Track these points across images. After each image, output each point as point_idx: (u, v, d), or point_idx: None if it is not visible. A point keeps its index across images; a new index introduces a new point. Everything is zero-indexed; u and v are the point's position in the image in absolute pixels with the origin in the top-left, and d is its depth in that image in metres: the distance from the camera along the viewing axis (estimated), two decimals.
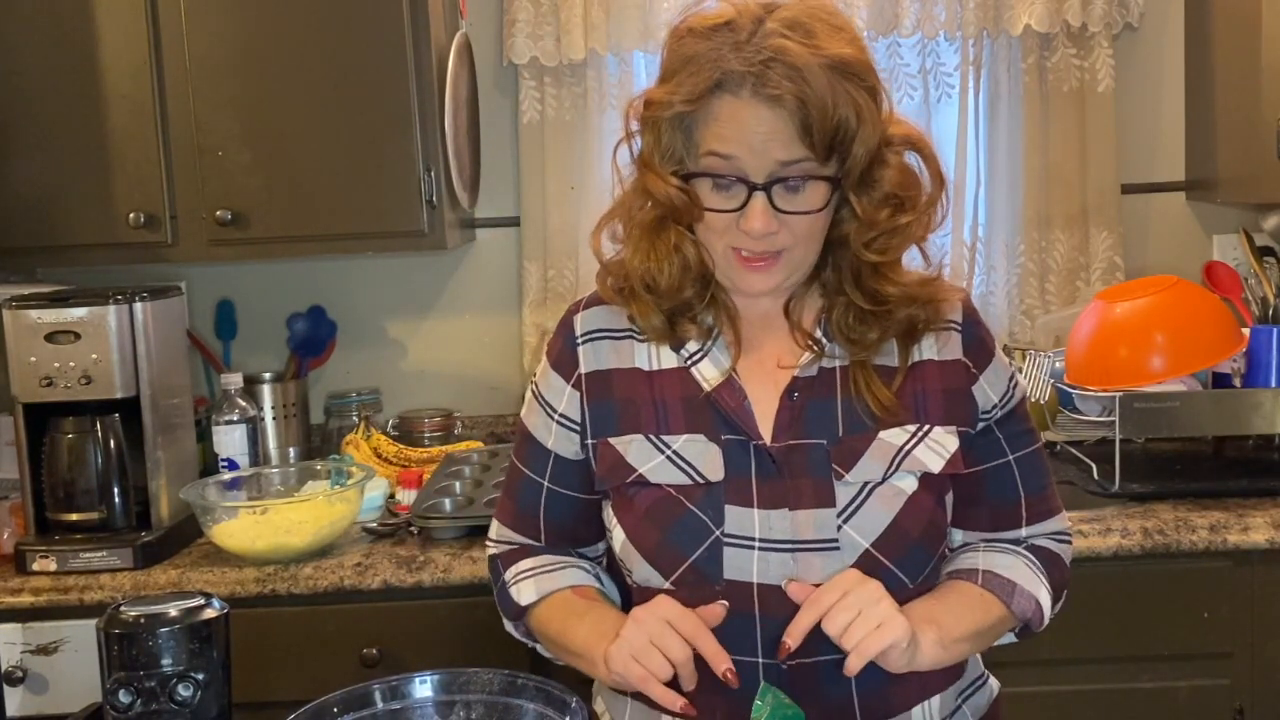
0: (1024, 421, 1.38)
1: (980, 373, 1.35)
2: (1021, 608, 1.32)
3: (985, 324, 1.40)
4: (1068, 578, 1.39)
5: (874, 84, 1.27)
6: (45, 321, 2.07)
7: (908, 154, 1.30)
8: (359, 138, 2.29)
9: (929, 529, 1.30)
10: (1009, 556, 1.36)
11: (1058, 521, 1.40)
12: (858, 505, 1.28)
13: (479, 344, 2.76)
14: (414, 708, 1.30)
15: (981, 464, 1.35)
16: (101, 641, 1.33)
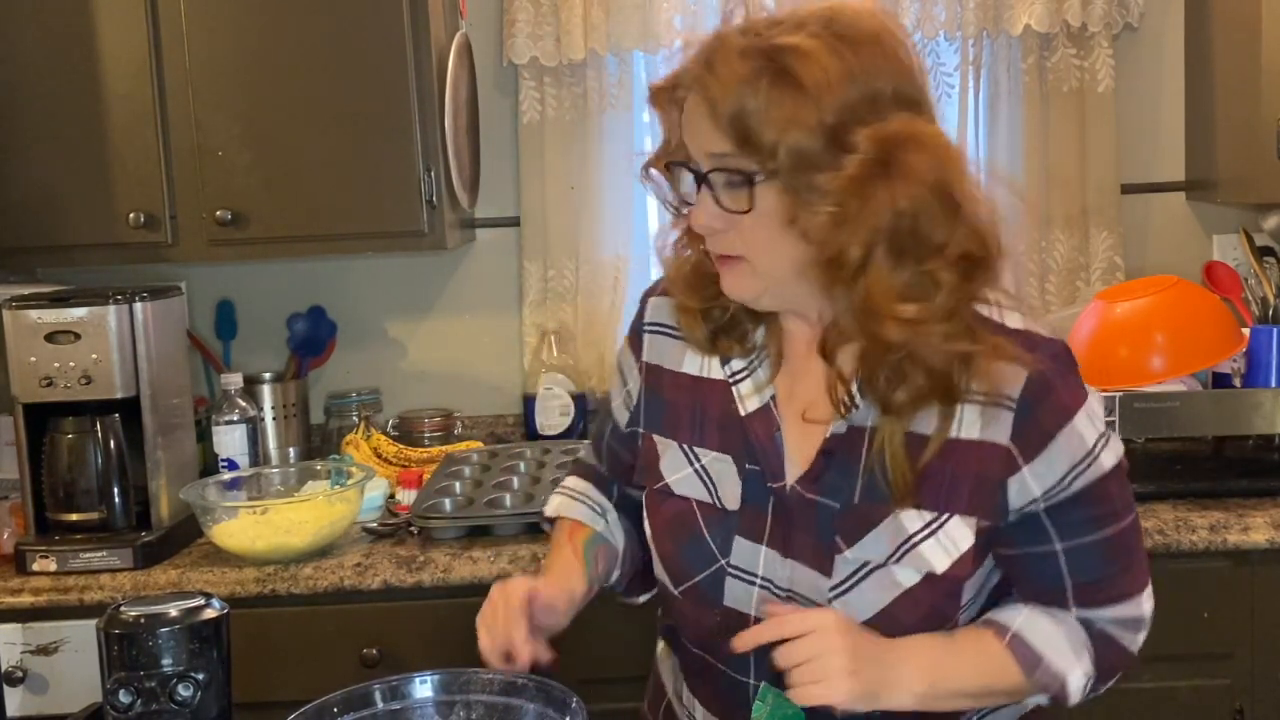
0: (1091, 509, 1.20)
1: (1028, 463, 1.18)
2: (1043, 683, 1.23)
3: (1062, 399, 1.17)
4: (1127, 663, 1.26)
5: (806, 73, 1.10)
6: (45, 321, 2.07)
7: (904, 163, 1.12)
8: (359, 138, 2.29)
9: (929, 618, 1.21)
10: (1052, 624, 1.23)
11: (1126, 609, 1.24)
12: (852, 584, 1.21)
13: (479, 344, 2.76)
14: (414, 708, 1.30)
15: (1017, 549, 1.22)
16: (102, 641, 1.33)
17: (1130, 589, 1.25)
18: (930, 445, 1.17)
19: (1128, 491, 1.24)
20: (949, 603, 1.22)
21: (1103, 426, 1.21)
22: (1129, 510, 1.24)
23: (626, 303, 2.68)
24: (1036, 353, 1.16)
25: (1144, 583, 1.26)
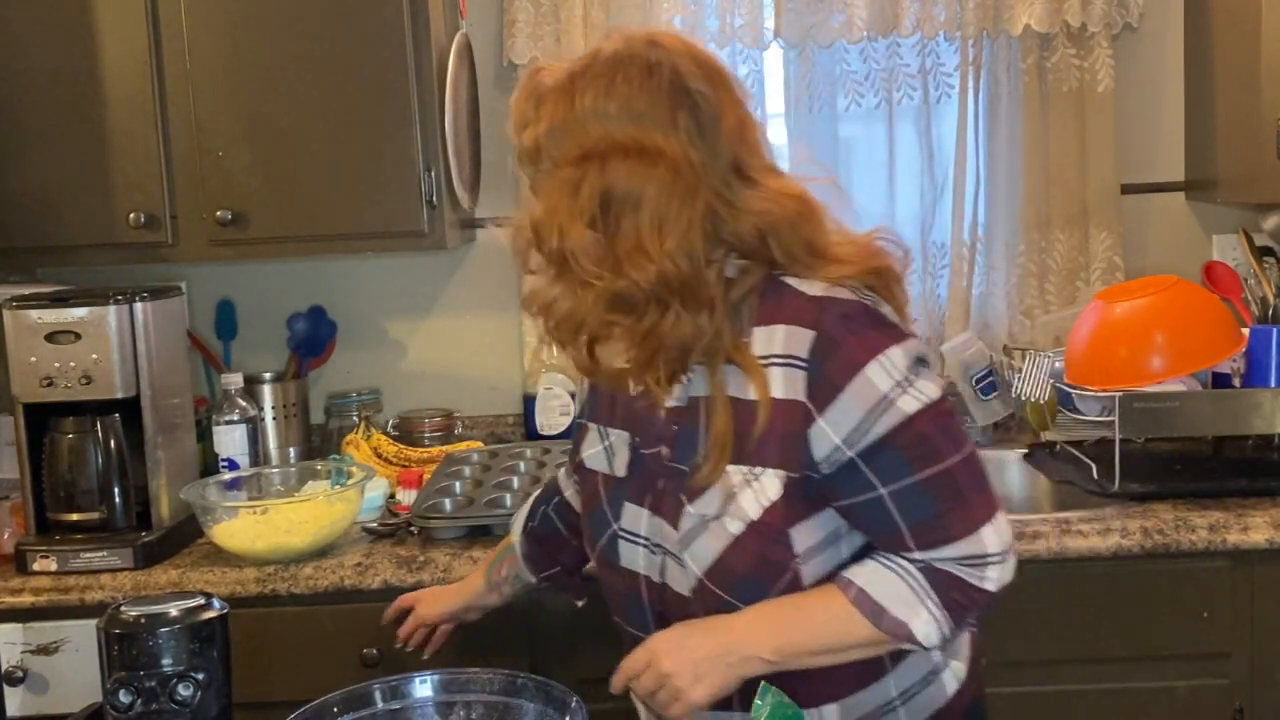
0: (904, 451, 1.27)
1: (822, 415, 1.27)
2: (892, 631, 1.29)
3: (850, 353, 1.27)
4: (983, 599, 1.30)
5: (549, 102, 1.30)
6: (45, 321, 2.07)
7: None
8: (359, 138, 2.29)
9: (760, 566, 1.31)
10: (892, 574, 1.30)
11: (964, 546, 1.28)
12: (694, 536, 1.33)
13: (479, 344, 2.76)
14: (414, 708, 1.30)
15: (847, 499, 1.30)
16: (102, 641, 1.33)
17: (967, 526, 1.29)
18: (760, 406, 1.28)
19: (948, 434, 1.29)
20: (777, 550, 1.31)
21: (902, 375, 1.27)
22: (952, 450, 1.28)
23: None
24: (825, 314, 1.27)
25: (981, 519, 1.29)
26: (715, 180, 1.28)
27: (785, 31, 2.58)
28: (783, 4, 2.57)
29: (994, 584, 1.30)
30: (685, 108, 1.27)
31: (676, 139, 1.26)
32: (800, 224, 1.31)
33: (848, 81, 2.65)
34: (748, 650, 1.30)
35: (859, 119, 2.68)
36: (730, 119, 1.30)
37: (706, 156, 1.27)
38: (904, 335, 1.29)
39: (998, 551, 1.29)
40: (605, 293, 1.27)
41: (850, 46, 2.62)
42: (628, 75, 1.28)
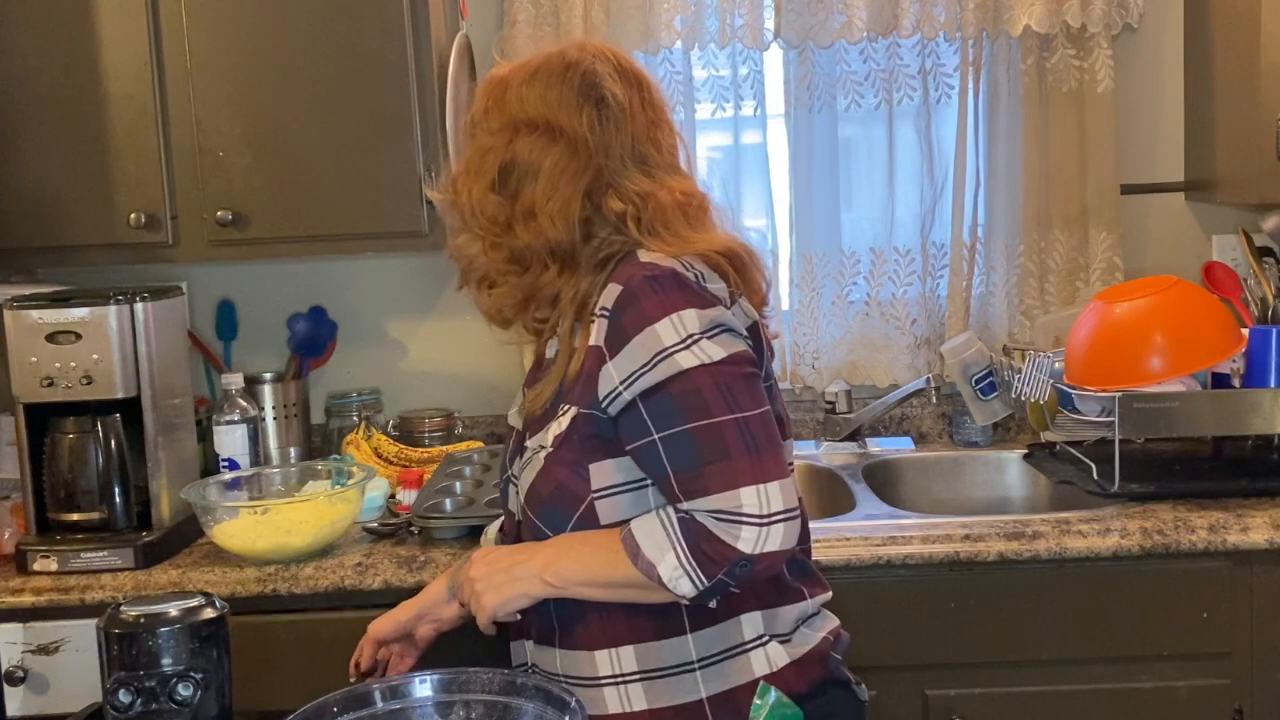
0: (677, 401, 1.38)
1: (611, 358, 1.42)
2: (646, 571, 1.39)
3: (645, 308, 1.41)
4: (730, 555, 1.36)
5: (490, 89, 1.54)
6: (46, 322, 2.08)
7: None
8: (359, 137, 2.29)
9: (559, 491, 1.46)
10: (655, 520, 1.41)
11: (720, 500, 1.36)
12: (523, 466, 1.52)
13: (479, 344, 2.76)
14: (414, 708, 1.30)
15: (632, 442, 1.42)
16: (102, 641, 1.33)
17: (725, 481, 1.36)
18: (575, 355, 1.47)
19: (727, 394, 1.39)
20: (576, 482, 1.45)
21: (687, 333, 1.39)
22: (725, 410, 1.38)
23: None
24: (636, 274, 1.42)
25: (744, 479, 1.36)
26: (607, 162, 1.48)
27: (785, 31, 2.58)
28: (783, 4, 2.58)
29: (747, 545, 1.35)
30: (592, 101, 1.48)
31: (579, 122, 1.47)
32: (674, 209, 1.48)
33: (848, 81, 2.65)
34: (533, 569, 1.46)
35: (859, 119, 2.69)
36: (639, 119, 1.51)
37: (603, 143, 1.48)
38: (707, 303, 1.41)
39: (754, 514, 1.35)
40: (504, 248, 1.51)
41: (850, 47, 2.63)
42: (549, 70, 1.50)
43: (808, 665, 1.49)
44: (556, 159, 1.47)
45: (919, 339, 2.71)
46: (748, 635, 1.47)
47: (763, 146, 2.68)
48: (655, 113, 1.54)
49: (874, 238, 2.71)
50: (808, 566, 1.59)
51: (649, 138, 1.52)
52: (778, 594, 1.50)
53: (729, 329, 1.42)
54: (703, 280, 1.43)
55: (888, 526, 2.10)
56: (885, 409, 2.64)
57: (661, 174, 1.51)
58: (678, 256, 1.44)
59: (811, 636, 1.52)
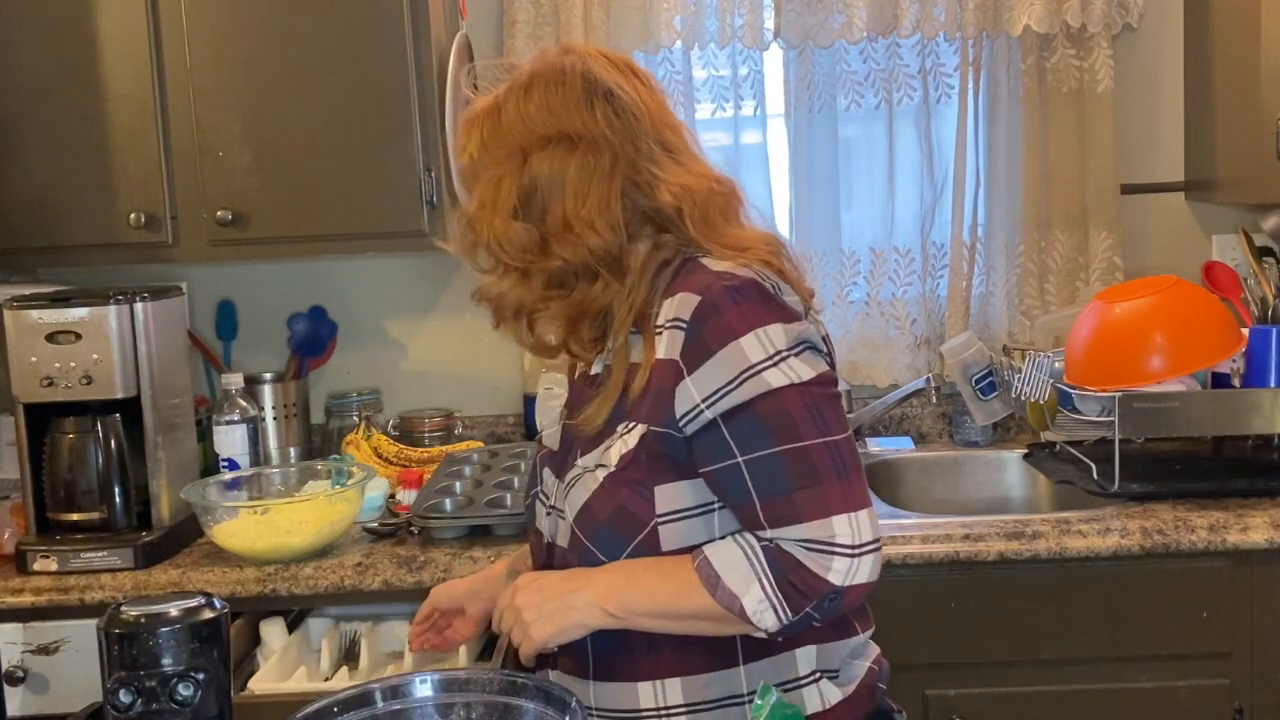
0: (764, 422, 1.30)
1: (690, 374, 1.32)
2: (726, 603, 1.31)
3: (729, 320, 1.32)
4: (819, 587, 1.29)
5: (479, 123, 1.44)
6: (46, 322, 2.08)
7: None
8: (359, 137, 2.29)
9: (618, 514, 1.36)
10: (737, 548, 1.32)
11: (811, 529, 1.29)
12: (572, 485, 1.41)
13: (479, 344, 2.76)
14: (414, 708, 1.30)
15: (709, 465, 1.33)
16: (102, 641, 1.33)
17: (817, 509, 1.29)
18: (642, 368, 1.36)
19: (815, 415, 1.31)
20: (638, 503, 1.35)
21: (775, 351, 1.31)
22: (815, 433, 1.30)
23: None
24: (715, 284, 1.33)
25: (836, 506, 1.29)
26: (636, 154, 1.38)
27: (785, 31, 2.58)
28: (783, 4, 2.58)
29: (838, 576, 1.28)
30: (600, 95, 1.39)
31: (594, 121, 1.38)
32: (714, 199, 1.40)
33: (848, 81, 2.65)
34: (592, 598, 1.35)
35: (859, 119, 2.69)
36: (650, 103, 1.42)
37: (625, 134, 1.38)
38: (792, 316, 1.34)
39: (847, 544, 1.28)
40: (541, 274, 1.38)
41: (850, 47, 2.63)
42: (544, 81, 1.40)
43: (857, 701, 1.42)
44: (580, 165, 1.37)
45: (919, 339, 2.71)
46: (801, 670, 1.39)
47: (763, 146, 2.68)
48: (662, 97, 1.46)
49: (874, 238, 2.71)
50: None
51: (665, 123, 1.43)
52: (834, 628, 1.41)
53: (813, 346, 1.34)
54: (779, 291, 1.35)
55: (888, 526, 2.10)
56: (885, 409, 2.64)
57: (687, 160, 1.43)
58: (748, 264, 1.36)
59: (859, 668, 1.45)
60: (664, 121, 1.43)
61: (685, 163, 1.42)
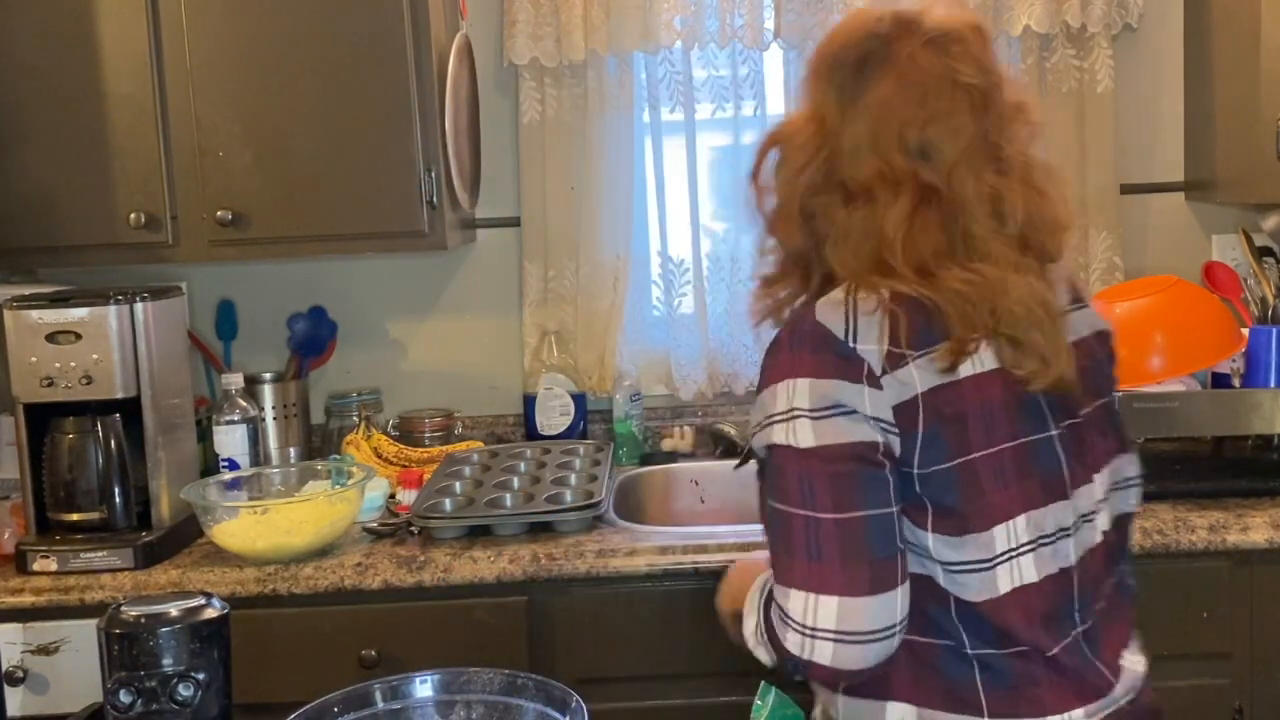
0: (771, 474, 1.29)
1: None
2: (742, 622, 1.37)
3: (774, 364, 1.31)
4: (781, 649, 1.28)
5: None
6: (46, 322, 2.08)
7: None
8: (359, 138, 2.29)
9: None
10: (759, 581, 1.36)
11: (779, 593, 1.27)
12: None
13: (479, 344, 2.76)
14: (414, 708, 1.30)
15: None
16: (102, 641, 1.33)
17: (783, 576, 1.27)
18: None
19: (806, 488, 1.25)
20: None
21: (790, 408, 1.26)
22: (799, 504, 1.25)
23: (626, 303, 2.68)
24: (792, 320, 1.33)
25: (795, 583, 1.25)
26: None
27: (785, 31, 2.58)
28: (783, 4, 2.57)
29: (794, 647, 1.25)
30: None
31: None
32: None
33: None
34: (725, 595, 1.50)
35: None
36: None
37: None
38: (833, 373, 1.26)
39: (798, 621, 1.25)
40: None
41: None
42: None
43: None
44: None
45: None
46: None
47: None
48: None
49: None
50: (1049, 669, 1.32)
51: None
52: (943, 699, 1.31)
53: (846, 412, 1.25)
54: (854, 339, 1.26)
55: None
56: None
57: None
58: (851, 294, 1.28)
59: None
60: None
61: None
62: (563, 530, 2.13)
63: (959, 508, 1.26)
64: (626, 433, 2.64)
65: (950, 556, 1.27)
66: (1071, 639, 1.31)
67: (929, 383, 1.25)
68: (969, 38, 1.32)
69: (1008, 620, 1.27)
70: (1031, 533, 1.27)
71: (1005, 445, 1.27)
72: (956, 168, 1.29)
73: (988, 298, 1.26)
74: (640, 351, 2.72)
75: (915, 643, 1.29)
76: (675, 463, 2.62)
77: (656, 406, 2.75)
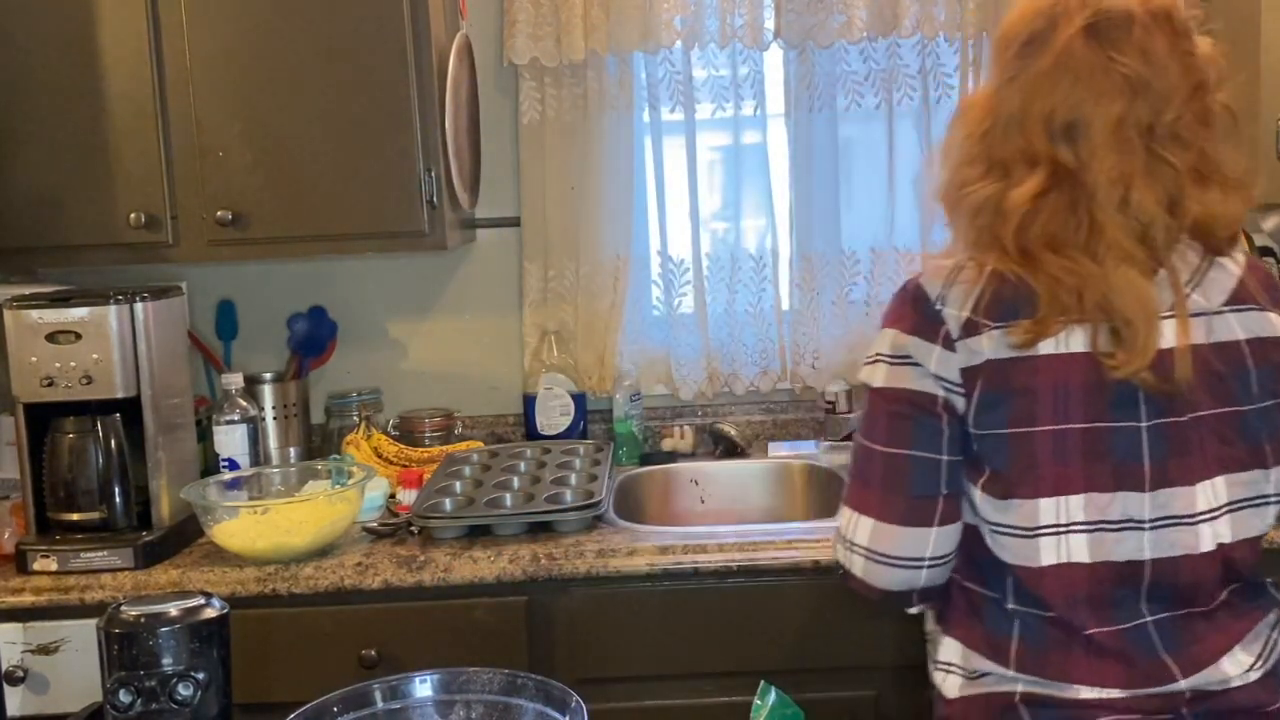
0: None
1: None
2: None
3: (884, 314, 1.46)
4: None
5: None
6: (46, 321, 2.08)
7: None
8: (359, 138, 2.29)
9: None
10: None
11: (840, 511, 1.45)
12: None
13: (479, 344, 2.77)
14: (414, 708, 1.30)
15: None
16: (102, 641, 1.33)
17: (844, 493, 1.44)
18: None
19: (870, 422, 1.40)
20: None
21: (877, 352, 1.40)
22: (864, 435, 1.41)
23: (626, 303, 2.68)
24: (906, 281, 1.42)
25: (848, 500, 1.42)
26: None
27: (785, 32, 2.58)
28: (783, 4, 2.57)
29: (837, 555, 1.44)
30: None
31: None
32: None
33: (848, 81, 2.65)
34: None
35: (859, 119, 2.69)
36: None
37: None
38: (913, 329, 1.36)
39: (843, 535, 1.42)
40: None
41: (850, 47, 2.63)
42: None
43: (969, 709, 1.41)
44: None
45: None
46: (941, 656, 1.46)
47: (763, 146, 2.68)
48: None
49: (874, 238, 2.71)
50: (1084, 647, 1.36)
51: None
52: (986, 642, 1.40)
53: (914, 363, 1.36)
54: (940, 303, 1.35)
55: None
56: None
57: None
58: (961, 264, 1.36)
59: (989, 686, 1.39)
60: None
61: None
62: (563, 530, 2.13)
63: (1008, 473, 1.33)
64: (626, 433, 2.64)
65: (994, 517, 1.35)
66: (1131, 627, 1.34)
67: (1000, 354, 1.32)
68: (1139, 23, 1.33)
69: (1044, 591, 1.33)
70: (1090, 514, 1.31)
71: (1075, 425, 1.30)
72: (1096, 152, 1.31)
73: (1083, 287, 1.30)
74: (640, 351, 2.72)
75: (970, 589, 1.40)
76: (675, 463, 2.62)
77: (656, 406, 2.75)
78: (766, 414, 2.75)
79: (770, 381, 2.73)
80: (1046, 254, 1.31)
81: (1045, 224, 1.32)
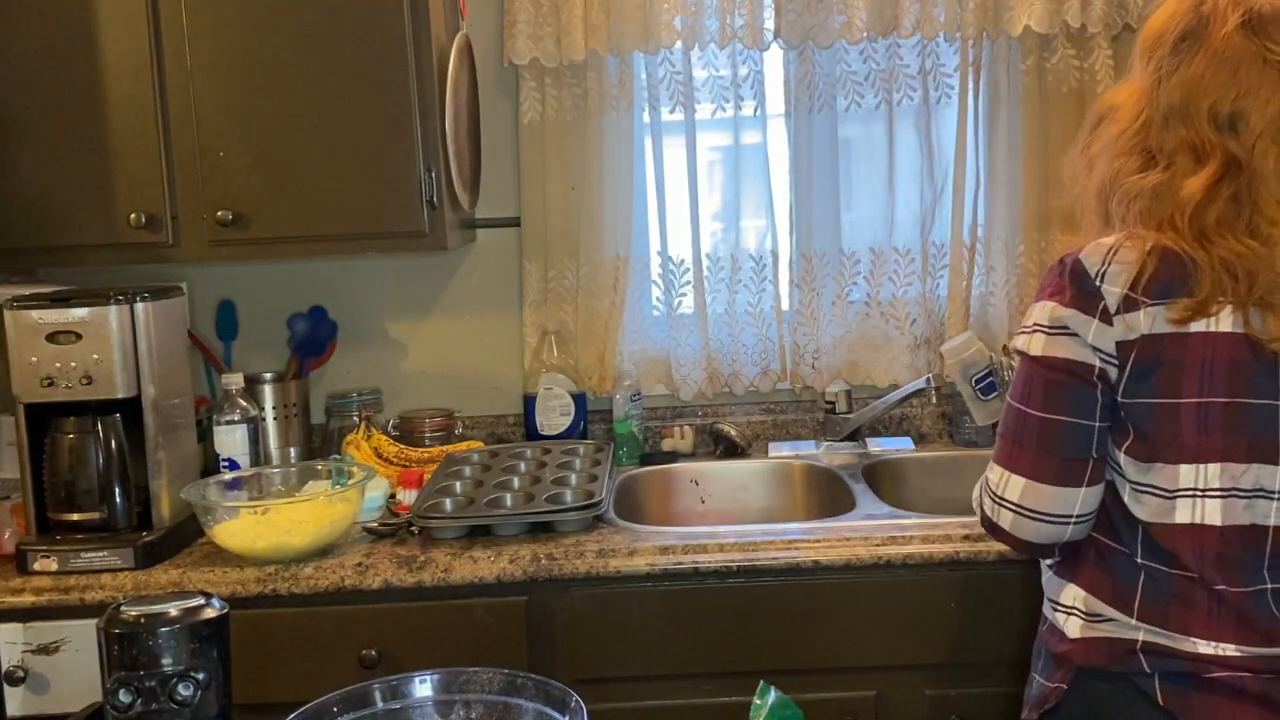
0: (1014, 375, 1.54)
1: None
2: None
3: (1042, 286, 1.51)
4: (980, 516, 1.58)
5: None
6: (46, 322, 2.08)
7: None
8: (359, 138, 2.30)
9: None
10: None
11: (989, 469, 1.55)
12: None
13: (479, 344, 2.77)
14: (414, 707, 1.30)
15: None
16: (102, 641, 1.33)
17: (995, 453, 1.54)
18: None
19: (1027, 386, 1.49)
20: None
21: (1035, 323, 1.49)
22: (1019, 399, 1.50)
23: (626, 303, 2.68)
24: (1065, 257, 1.50)
25: (999, 458, 1.53)
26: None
27: (785, 32, 2.58)
28: (783, 4, 2.57)
29: (986, 510, 1.55)
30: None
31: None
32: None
33: (848, 82, 2.65)
34: None
35: (859, 119, 2.69)
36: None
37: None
38: (1072, 302, 1.44)
39: (993, 491, 1.52)
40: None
41: (850, 47, 2.63)
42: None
43: (1087, 650, 1.51)
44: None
45: (919, 339, 2.71)
46: (1063, 600, 1.55)
47: (763, 146, 2.68)
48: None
49: (874, 238, 2.71)
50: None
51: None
52: (1109, 591, 1.49)
53: (1072, 334, 1.44)
54: (1099, 279, 1.43)
55: (888, 526, 2.10)
56: (885, 409, 2.64)
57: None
58: (1120, 243, 1.44)
59: (1109, 631, 1.49)
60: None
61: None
62: (563, 530, 2.13)
63: (1154, 439, 1.43)
64: (626, 433, 2.64)
65: (1136, 477, 1.45)
66: (1254, 590, 1.41)
67: (1155, 329, 1.40)
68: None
69: (1176, 547, 1.43)
70: (1225, 482, 1.40)
71: (1218, 399, 1.39)
72: (1260, 140, 1.39)
73: (1250, 270, 1.37)
74: (640, 351, 2.73)
75: (1102, 543, 1.50)
76: (675, 463, 2.62)
77: (656, 406, 2.75)
78: (766, 414, 2.76)
79: (770, 381, 2.73)
80: (1221, 237, 1.39)
81: (1217, 210, 1.39)
